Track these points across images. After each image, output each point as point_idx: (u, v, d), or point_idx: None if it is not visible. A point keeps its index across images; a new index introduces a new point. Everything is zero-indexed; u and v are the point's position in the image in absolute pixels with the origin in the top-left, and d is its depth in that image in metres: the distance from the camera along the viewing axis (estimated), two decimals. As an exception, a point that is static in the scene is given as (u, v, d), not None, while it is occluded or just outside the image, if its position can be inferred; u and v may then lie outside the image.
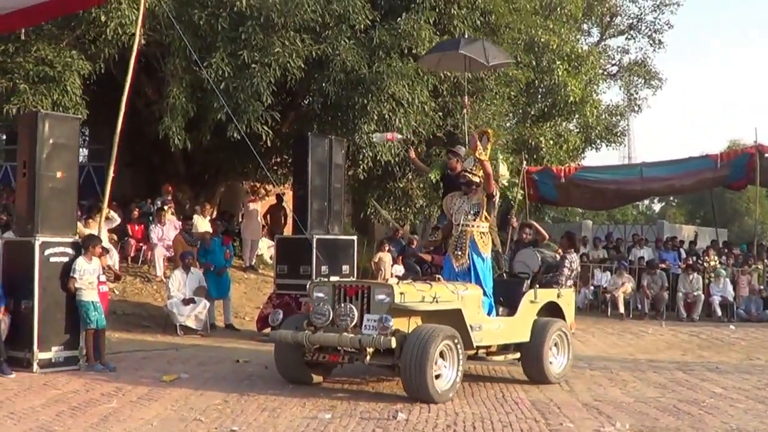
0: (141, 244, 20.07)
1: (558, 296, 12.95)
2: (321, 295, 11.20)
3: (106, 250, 14.65)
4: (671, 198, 66.79)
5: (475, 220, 11.97)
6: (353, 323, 10.56)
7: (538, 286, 12.71)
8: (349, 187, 20.90)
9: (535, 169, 24.31)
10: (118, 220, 17.13)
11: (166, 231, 19.39)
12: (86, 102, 16.40)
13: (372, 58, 17.10)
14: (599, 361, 14.75)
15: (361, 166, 18.73)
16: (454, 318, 10.90)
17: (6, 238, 13.46)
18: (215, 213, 21.77)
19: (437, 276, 12.00)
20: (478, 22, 18.63)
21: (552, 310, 12.78)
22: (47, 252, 12.39)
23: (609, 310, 22.67)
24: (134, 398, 10.32)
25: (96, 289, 12.67)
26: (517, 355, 12.34)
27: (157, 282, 19.02)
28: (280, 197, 23.88)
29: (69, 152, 12.98)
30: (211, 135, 17.87)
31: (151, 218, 20.22)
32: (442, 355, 10.41)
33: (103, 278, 13.21)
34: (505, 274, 13.52)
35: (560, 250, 13.88)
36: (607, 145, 31.58)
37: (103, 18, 15.51)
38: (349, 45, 16.74)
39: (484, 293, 11.81)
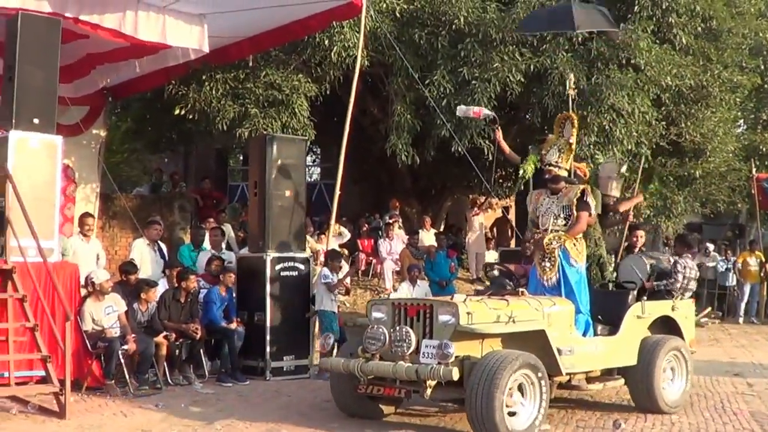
0: (370, 258, 20.68)
1: (672, 309, 11.03)
2: (379, 315, 9.63)
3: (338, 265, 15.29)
4: None
5: (566, 224, 10.21)
6: (410, 350, 8.96)
7: (646, 298, 10.88)
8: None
9: (765, 176, 23.46)
10: (348, 235, 17.79)
11: (394, 245, 19.90)
12: (314, 123, 17.15)
13: (590, 70, 17.06)
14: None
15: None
16: (538, 341, 9.28)
17: (240, 254, 14.31)
18: (442, 226, 22.16)
19: (520, 290, 10.13)
20: (699, 28, 18.21)
21: (666, 326, 11.00)
22: (278, 267, 13.12)
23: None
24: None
25: (335, 300, 13.38)
26: (621, 381, 10.59)
27: (386, 294, 19.56)
28: (505, 210, 24.10)
29: (297, 172, 13.71)
30: (435, 150, 18.25)
31: (379, 233, 20.81)
32: (520, 387, 8.84)
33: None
34: (610, 285, 11.87)
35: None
36: None
37: (326, 42, 16.20)
38: (567, 58, 16.77)
39: (578, 309, 10.09)
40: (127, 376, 11.52)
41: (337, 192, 14.75)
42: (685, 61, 17.82)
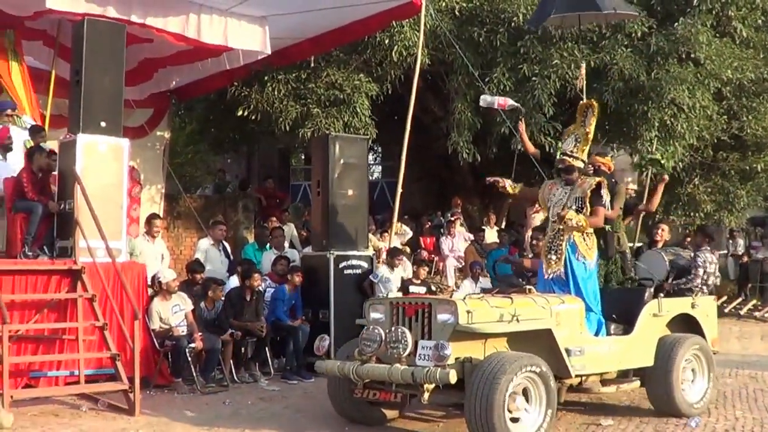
0: (432, 256, 20.73)
1: (692, 306, 10.45)
2: (377, 315, 9.12)
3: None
4: None
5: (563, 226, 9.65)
6: (406, 351, 8.42)
7: (663, 295, 10.31)
8: (636, 193, 20.71)
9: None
10: (410, 233, 17.88)
11: (456, 242, 19.91)
12: (375, 122, 17.25)
13: (650, 65, 16.94)
14: None
15: (645, 173, 18.53)
16: (545, 341, 8.83)
17: (304, 253, 14.47)
18: (503, 224, 22.14)
19: (528, 287, 9.60)
20: (759, 21, 18.01)
21: (687, 324, 10.42)
22: (341, 265, 13.26)
23: None
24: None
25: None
26: (637, 383, 10.06)
27: (449, 291, 19.60)
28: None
29: (359, 171, 13.84)
30: (496, 147, 18.27)
31: (441, 230, 20.85)
32: (525, 392, 8.34)
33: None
34: (629, 282, 11.12)
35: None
36: None
37: (387, 41, 16.31)
38: (627, 53, 16.66)
39: (589, 308, 9.59)
40: (194, 374, 11.71)
41: (399, 190, 14.87)
42: (745, 54, 17.65)
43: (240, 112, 17.38)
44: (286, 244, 15.30)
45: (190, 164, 27.38)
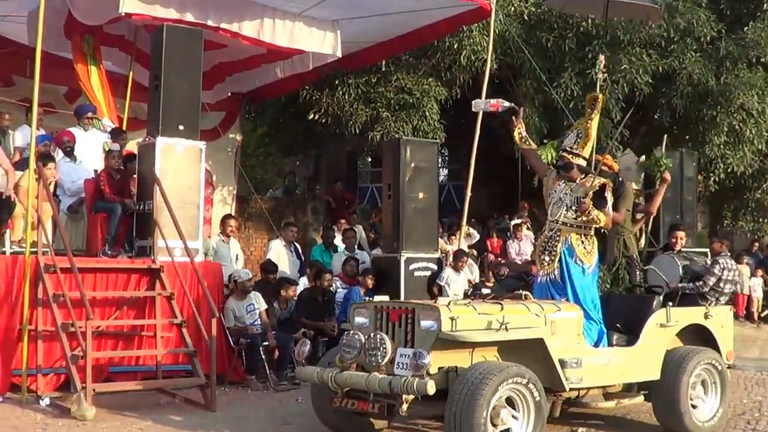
0: (499, 259, 20.78)
1: (705, 317, 9.66)
2: (362, 320, 8.51)
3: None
4: None
5: (577, 217, 9.01)
6: (385, 359, 7.81)
7: (671, 304, 9.49)
8: (704, 198, 20.64)
9: None
10: (477, 237, 17.97)
11: (523, 246, 19.96)
12: (444, 126, 17.40)
13: (719, 69, 16.91)
14: None
15: (712, 178, 18.46)
16: (538, 351, 8.19)
17: (375, 255, 14.68)
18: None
19: (524, 293, 8.76)
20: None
21: (700, 336, 9.68)
22: (411, 267, 13.43)
23: None
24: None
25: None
26: (640, 398, 9.37)
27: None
28: (637, 211, 23.88)
29: (429, 174, 14.00)
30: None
31: (508, 234, 20.89)
32: (511, 403, 7.68)
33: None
34: (638, 289, 10.51)
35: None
36: None
37: (456, 46, 16.48)
38: (695, 58, 16.65)
39: (589, 316, 8.91)
40: (267, 372, 11.93)
41: (468, 193, 15.02)
42: (815, 58, 17.51)
43: (311, 116, 17.63)
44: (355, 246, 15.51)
45: (260, 166, 27.74)
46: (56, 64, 14.14)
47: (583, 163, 9.21)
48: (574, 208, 8.97)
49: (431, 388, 7.38)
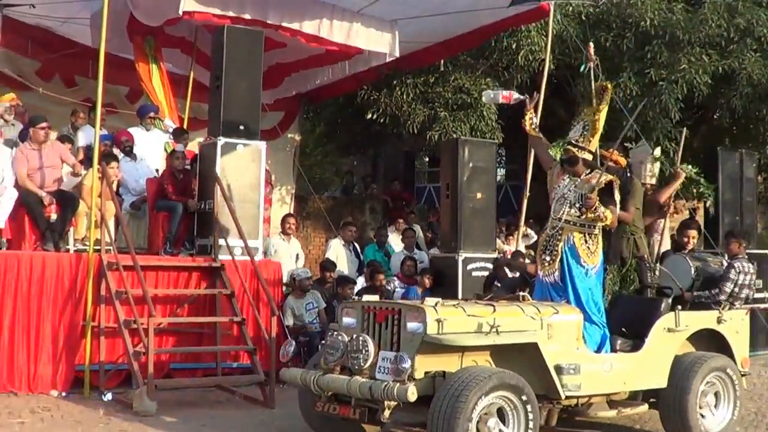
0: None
1: (718, 321, 9.07)
2: (349, 320, 8.07)
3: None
4: None
5: (581, 215, 8.49)
6: (368, 362, 7.43)
7: (680, 307, 8.90)
8: (765, 199, 20.44)
9: None
10: (535, 237, 17.91)
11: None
12: (501, 126, 17.38)
13: (780, 69, 16.74)
14: None
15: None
16: (535, 355, 7.71)
17: (432, 254, 14.72)
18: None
19: (523, 294, 8.36)
20: None
21: (713, 341, 9.14)
22: (469, 267, 13.45)
23: None
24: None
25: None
26: (644, 408, 8.84)
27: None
28: (693, 212, 23.64)
29: (487, 174, 14.02)
30: (622, 151, 18.17)
31: (565, 234, 20.80)
32: (501, 413, 7.21)
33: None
34: (649, 292, 9.76)
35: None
36: None
37: (514, 46, 16.46)
38: (755, 58, 16.47)
39: (591, 320, 8.43)
40: (325, 370, 11.99)
41: (526, 193, 15.01)
42: None
43: (369, 115, 17.70)
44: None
45: (318, 166, 27.88)
46: (118, 64, 14.32)
47: (589, 157, 8.76)
48: (578, 205, 8.48)
49: (412, 395, 6.97)
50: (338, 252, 14.42)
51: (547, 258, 8.66)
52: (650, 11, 16.70)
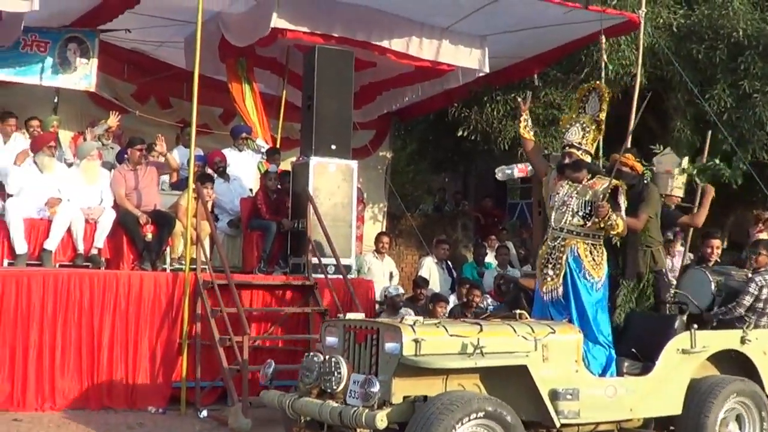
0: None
1: (742, 342, 8.30)
2: (332, 340, 7.55)
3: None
4: None
5: (585, 225, 8.00)
6: (340, 386, 6.88)
7: (696, 326, 8.09)
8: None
9: None
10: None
11: (676, 262, 19.39)
12: (592, 142, 17.20)
13: None
14: None
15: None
16: (526, 379, 7.05)
17: (525, 272, 14.62)
18: (725, 243, 21.59)
19: (520, 312, 7.75)
20: None
21: (738, 364, 8.37)
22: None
23: None
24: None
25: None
26: None
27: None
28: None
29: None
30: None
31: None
32: None
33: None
34: (668, 309, 8.95)
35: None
36: None
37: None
38: None
39: (595, 339, 7.85)
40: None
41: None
42: None
43: (459, 133, 17.71)
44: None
45: (410, 183, 27.96)
46: (212, 86, 14.55)
47: (590, 159, 8.37)
48: (581, 213, 8.00)
49: (381, 422, 6.40)
50: (431, 269, 14.44)
51: (550, 272, 8.11)
52: (743, 21, 16.39)
